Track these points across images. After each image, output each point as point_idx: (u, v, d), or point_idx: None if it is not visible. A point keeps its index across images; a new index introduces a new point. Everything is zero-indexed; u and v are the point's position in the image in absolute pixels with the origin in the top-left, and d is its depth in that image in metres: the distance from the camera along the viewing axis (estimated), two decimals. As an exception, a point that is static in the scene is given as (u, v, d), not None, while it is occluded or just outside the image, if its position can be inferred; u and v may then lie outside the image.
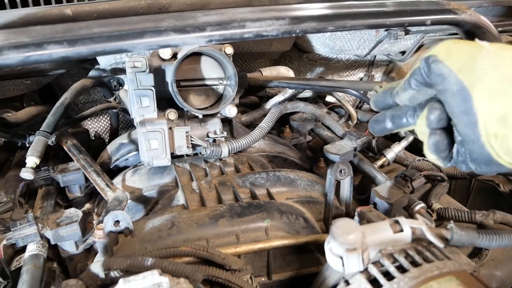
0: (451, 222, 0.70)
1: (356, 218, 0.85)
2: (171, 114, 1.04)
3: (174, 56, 1.05)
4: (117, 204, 0.97)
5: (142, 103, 0.97)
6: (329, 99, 1.75)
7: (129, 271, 0.69)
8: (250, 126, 1.38)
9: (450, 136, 0.62)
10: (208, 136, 1.10)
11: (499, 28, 1.62)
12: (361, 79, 1.99)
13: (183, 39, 0.70)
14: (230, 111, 1.10)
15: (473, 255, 1.02)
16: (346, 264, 0.64)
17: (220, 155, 1.07)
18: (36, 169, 1.00)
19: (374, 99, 0.73)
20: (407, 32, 1.44)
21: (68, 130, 1.26)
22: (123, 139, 1.30)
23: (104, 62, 1.39)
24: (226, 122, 1.20)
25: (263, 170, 1.06)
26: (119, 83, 1.59)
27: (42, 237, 0.92)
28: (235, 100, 1.17)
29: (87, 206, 1.18)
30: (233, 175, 1.03)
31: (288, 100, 1.46)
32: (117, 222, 0.84)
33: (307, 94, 1.66)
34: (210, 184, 0.99)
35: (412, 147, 1.39)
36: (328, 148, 1.20)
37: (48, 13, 0.88)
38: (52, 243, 0.93)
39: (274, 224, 0.87)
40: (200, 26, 0.71)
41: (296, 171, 1.08)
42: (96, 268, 0.71)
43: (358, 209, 0.85)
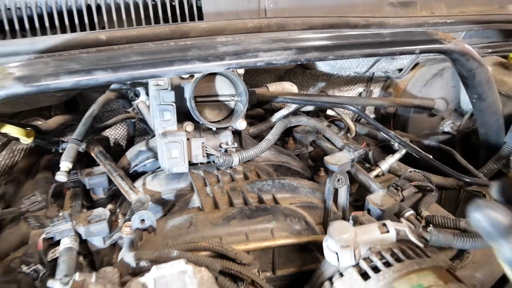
0: (430, 226, 0.83)
1: (350, 222, 0.98)
2: (188, 126, 1.17)
3: (191, 75, 1.18)
4: (140, 205, 1.10)
5: (164, 117, 1.11)
6: (329, 112, 1.88)
7: (156, 262, 0.81)
8: (257, 137, 1.51)
9: None
10: (220, 146, 1.23)
11: (489, 50, 1.74)
12: (360, 94, 2.12)
13: (206, 67, 0.83)
14: (241, 124, 1.23)
15: (455, 257, 1.13)
16: (341, 258, 0.76)
17: (231, 164, 1.20)
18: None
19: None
20: (402, 54, 1.57)
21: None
22: (141, 146, 1.43)
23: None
24: (236, 133, 1.32)
25: (269, 178, 1.19)
26: (135, 94, 1.72)
27: (75, 232, 1.04)
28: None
29: (109, 207, 1.31)
30: (242, 181, 1.16)
31: (292, 114, 1.59)
32: (142, 221, 0.97)
33: (310, 108, 1.78)
34: (222, 189, 1.12)
35: (406, 158, 1.51)
36: (328, 159, 1.32)
37: (85, 38, 1.02)
38: (84, 238, 1.05)
39: (279, 226, 1.00)
40: (220, 56, 0.84)
41: (299, 179, 1.21)
42: (128, 258, 0.83)
43: (353, 213, 0.98)
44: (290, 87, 1.66)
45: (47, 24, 1.19)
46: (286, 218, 1.01)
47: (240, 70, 1.19)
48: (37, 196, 1.18)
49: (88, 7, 1.21)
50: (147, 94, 1.45)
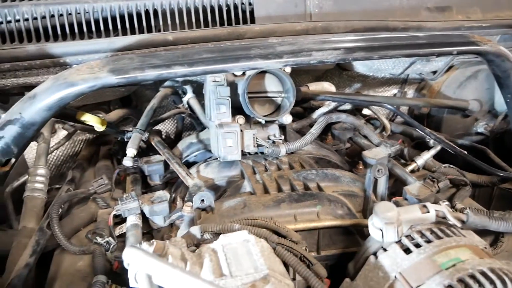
0: (467, 209, 0.91)
1: (392, 205, 1.07)
2: (240, 119, 1.29)
3: (244, 72, 1.30)
4: (197, 189, 1.22)
5: (220, 110, 1.23)
6: (365, 111, 1.96)
7: (219, 234, 0.93)
8: (298, 132, 1.61)
9: None
10: (269, 138, 1.34)
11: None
12: (394, 95, 2.19)
13: (267, 63, 0.94)
14: (287, 119, 1.34)
15: (489, 245, 1.20)
16: (385, 234, 0.86)
17: (279, 154, 1.31)
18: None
19: None
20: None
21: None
22: (192, 139, 1.56)
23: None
24: (281, 127, 1.43)
25: (313, 168, 1.29)
26: (183, 91, 1.87)
27: (141, 211, 1.17)
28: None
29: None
30: (288, 170, 1.27)
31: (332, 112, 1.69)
32: (202, 201, 1.09)
33: (347, 106, 1.87)
34: (271, 177, 1.22)
35: (440, 157, 1.58)
36: (366, 153, 1.42)
37: (155, 38, 1.16)
38: (148, 216, 1.19)
39: (323, 210, 1.09)
40: (278, 54, 0.95)
41: (340, 170, 1.30)
42: (194, 230, 0.95)
43: (393, 199, 1.07)
44: (328, 86, 1.76)
45: (110, 27, 1.34)
46: (330, 203, 1.11)
47: (288, 68, 1.30)
48: (104, 179, 1.33)
49: (146, 12, 1.35)
50: (194, 92, 1.59)
